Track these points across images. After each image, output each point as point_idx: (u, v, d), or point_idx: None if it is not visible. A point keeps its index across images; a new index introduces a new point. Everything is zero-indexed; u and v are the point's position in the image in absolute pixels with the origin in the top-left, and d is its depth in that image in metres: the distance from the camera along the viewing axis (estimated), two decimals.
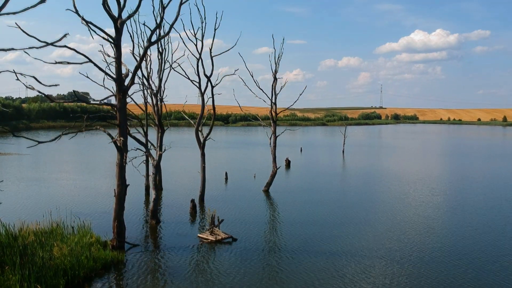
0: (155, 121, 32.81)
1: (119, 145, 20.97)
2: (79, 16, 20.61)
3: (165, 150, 29.21)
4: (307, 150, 74.86)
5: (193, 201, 29.48)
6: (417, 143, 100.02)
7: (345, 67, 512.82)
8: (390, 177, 46.09)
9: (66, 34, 14.91)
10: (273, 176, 37.23)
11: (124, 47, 21.93)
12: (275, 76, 37.30)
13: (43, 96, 19.27)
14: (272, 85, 37.44)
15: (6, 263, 16.03)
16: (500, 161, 63.20)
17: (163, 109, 34.17)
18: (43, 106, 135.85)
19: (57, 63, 20.04)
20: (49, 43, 17.00)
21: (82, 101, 25.66)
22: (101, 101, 23.35)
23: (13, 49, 14.79)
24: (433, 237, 23.99)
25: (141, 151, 27.90)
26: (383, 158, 66.38)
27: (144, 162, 35.38)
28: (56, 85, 16.51)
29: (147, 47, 22.04)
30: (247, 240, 22.94)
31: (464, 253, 21.34)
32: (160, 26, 24.15)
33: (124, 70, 21.80)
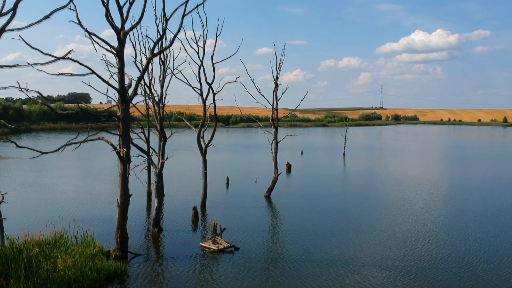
0: (157, 127, 32.93)
1: (122, 155, 21.12)
2: (82, 28, 20.84)
3: (167, 158, 29.34)
4: (308, 153, 75.00)
5: (195, 208, 29.62)
6: (417, 145, 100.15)
7: (346, 68, 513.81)
8: (390, 181, 46.22)
9: (71, 51, 15.04)
10: (274, 182, 37.39)
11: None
12: (276, 82, 37.45)
13: (48, 107, 19.36)
14: (274, 91, 37.57)
15: (11, 276, 16.18)
16: (500, 164, 63.28)
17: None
18: (44, 107, 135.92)
19: (60, 75, 20.18)
20: (54, 57, 17.13)
21: (85, 110, 25.80)
22: (105, 110, 23.48)
23: (18, 65, 14.95)
24: (432, 245, 24.11)
25: (142, 157, 28.03)
26: (383, 162, 66.49)
27: (145, 168, 35.54)
28: (60, 100, 16.60)
29: (149, 58, 22.20)
30: (249, 249, 23.08)
31: (463, 262, 21.46)
32: (163, 38, 24.30)
33: (127, 81, 21.97)
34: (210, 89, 32.50)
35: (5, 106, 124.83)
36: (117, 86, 21.26)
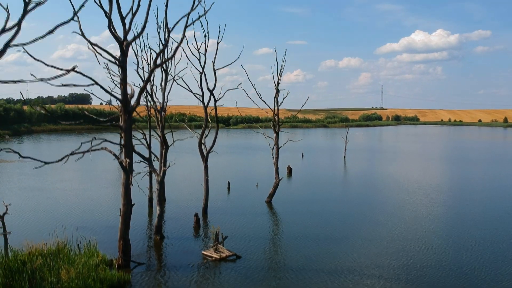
0: (159, 134, 33.03)
1: (124, 165, 21.24)
2: (85, 39, 20.98)
3: (169, 166, 29.47)
4: (309, 156, 75.13)
5: (196, 215, 29.72)
6: (418, 147, 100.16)
7: (346, 68, 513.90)
8: (390, 186, 46.33)
9: (75, 67, 15.13)
10: (275, 187, 37.51)
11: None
12: (277, 88, 37.58)
13: (49, 113, 19.44)
14: (275, 98, 37.71)
15: None
16: (501, 167, 63.32)
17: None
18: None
19: (63, 85, 20.25)
20: (58, 68, 17.23)
21: (89, 118, 25.88)
22: (107, 120, 23.60)
23: (22, 81, 14.98)
24: (432, 253, 24.20)
25: (144, 163, 28.12)
26: (383, 165, 66.55)
27: (147, 174, 35.66)
28: (65, 122, 16.70)
29: (152, 70, 22.32)
30: (250, 258, 23.19)
31: (463, 271, 21.54)
32: (166, 48, 24.43)
33: (129, 91, 22.10)
34: (212, 96, 32.58)
35: (6, 108, 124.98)
36: (119, 90, 21.33)
